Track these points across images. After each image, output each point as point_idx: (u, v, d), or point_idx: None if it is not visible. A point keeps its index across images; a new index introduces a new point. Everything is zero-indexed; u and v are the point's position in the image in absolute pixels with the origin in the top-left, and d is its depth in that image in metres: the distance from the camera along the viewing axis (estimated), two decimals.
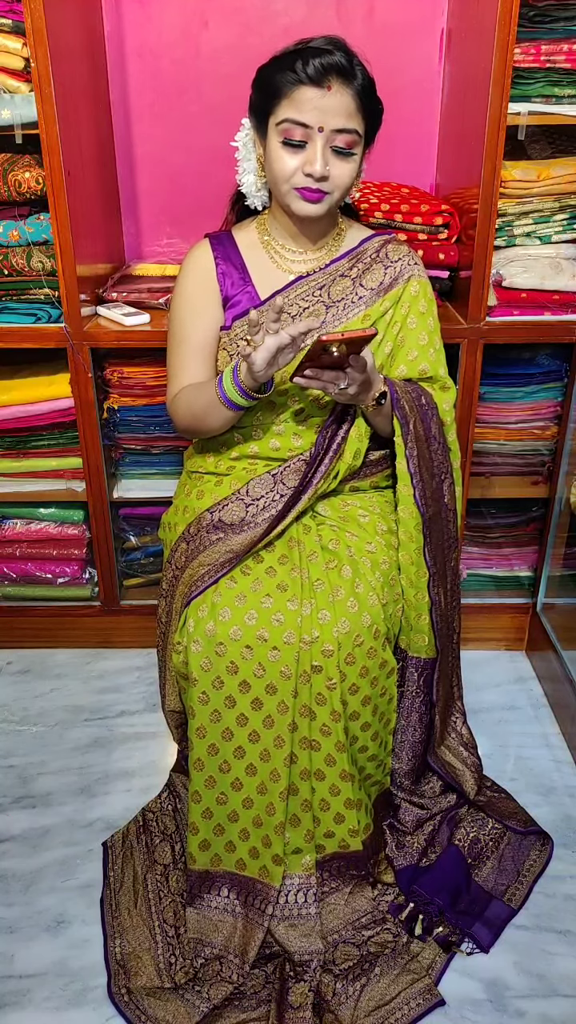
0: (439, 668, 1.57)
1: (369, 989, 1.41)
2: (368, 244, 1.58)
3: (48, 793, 1.82)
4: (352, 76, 1.39)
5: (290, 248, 1.57)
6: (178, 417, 1.59)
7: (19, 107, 1.72)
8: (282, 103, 1.40)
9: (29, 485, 2.11)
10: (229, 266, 1.57)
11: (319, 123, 1.39)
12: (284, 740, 1.41)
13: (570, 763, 1.90)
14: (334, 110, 1.39)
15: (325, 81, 1.37)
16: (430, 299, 1.58)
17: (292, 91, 1.39)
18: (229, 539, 1.50)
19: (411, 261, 1.57)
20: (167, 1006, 1.39)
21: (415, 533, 1.51)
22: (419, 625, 1.53)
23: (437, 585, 1.53)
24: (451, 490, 1.58)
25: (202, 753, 1.43)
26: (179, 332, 1.59)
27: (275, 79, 1.41)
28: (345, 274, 1.55)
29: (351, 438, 1.53)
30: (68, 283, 1.85)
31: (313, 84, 1.37)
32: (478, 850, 1.65)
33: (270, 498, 1.53)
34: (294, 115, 1.39)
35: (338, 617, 1.41)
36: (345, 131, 1.40)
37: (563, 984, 1.44)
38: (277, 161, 1.43)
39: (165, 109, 2.12)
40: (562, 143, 1.89)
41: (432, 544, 1.52)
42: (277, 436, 1.57)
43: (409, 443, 1.50)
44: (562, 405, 2.03)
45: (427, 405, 1.54)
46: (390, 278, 1.55)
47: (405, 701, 1.57)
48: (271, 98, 1.42)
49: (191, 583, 1.46)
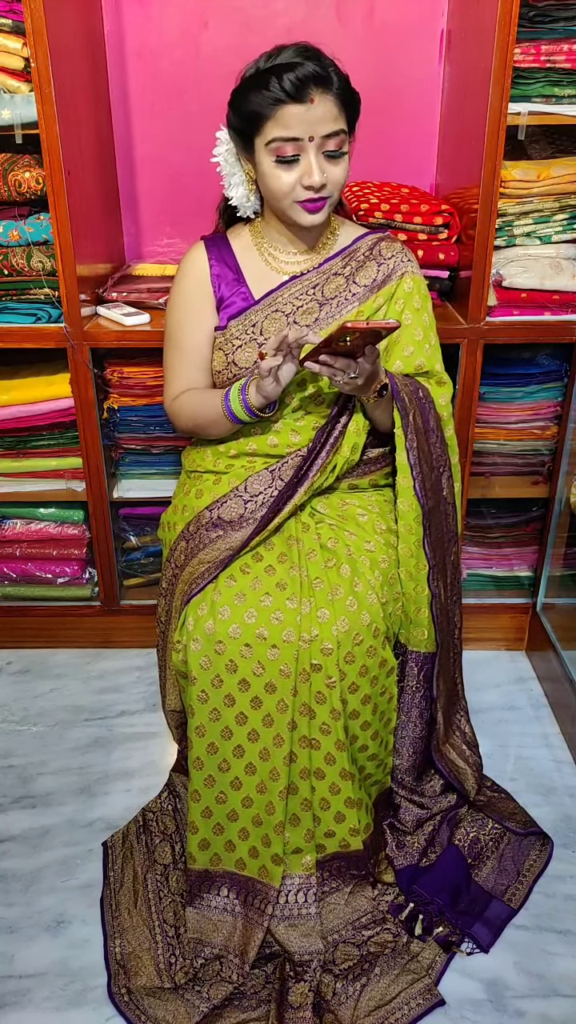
0: (439, 662, 1.57)
1: (369, 989, 1.41)
2: (361, 242, 1.59)
3: (48, 793, 1.82)
4: (330, 82, 1.39)
5: (285, 251, 1.58)
6: (180, 421, 1.61)
7: (19, 107, 1.73)
8: (267, 124, 1.41)
9: (29, 485, 2.11)
10: (223, 267, 1.58)
11: (308, 134, 1.40)
12: (284, 739, 1.41)
13: (570, 763, 1.89)
14: (320, 119, 1.39)
15: (307, 95, 1.38)
16: (424, 295, 1.59)
17: (275, 111, 1.39)
18: (228, 536, 1.50)
19: (405, 258, 1.58)
20: (167, 1006, 1.39)
21: (415, 525, 1.51)
22: (418, 619, 1.53)
23: (436, 578, 1.54)
24: (450, 483, 1.59)
25: (201, 752, 1.43)
26: (174, 336, 1.61)
27: (255, 101, 1.41)
28: (339, 272, 1.56)
29: (349, 432, 1.54)
30: (68, 283, 1.85)
31: (295, 101, 1.38)
32: (478, 850, 1.65)
33: (268, 494, 1.53)
34: (282, 133, 1.40)
35: (337, 616, 1.41)
36: (333, 134, 1.42)
37: (563, 984, 1.44)
38: (274, 180, 1.44)
39: (165, 109, 2.12)
40: (562, 143, 1.89)
41: (431, 537, 1.52)
42: (275, 433, 1.57)
43: (409, 435, 1.51)
44: (562, 405, 2.03)
45: (424, 399, 1.55)
46: (383, 275, 1.56)
47: (405, 696, 1.57)
48: (255, 121, 1.42)
49: (191, 581, 1.46)
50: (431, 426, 1.55)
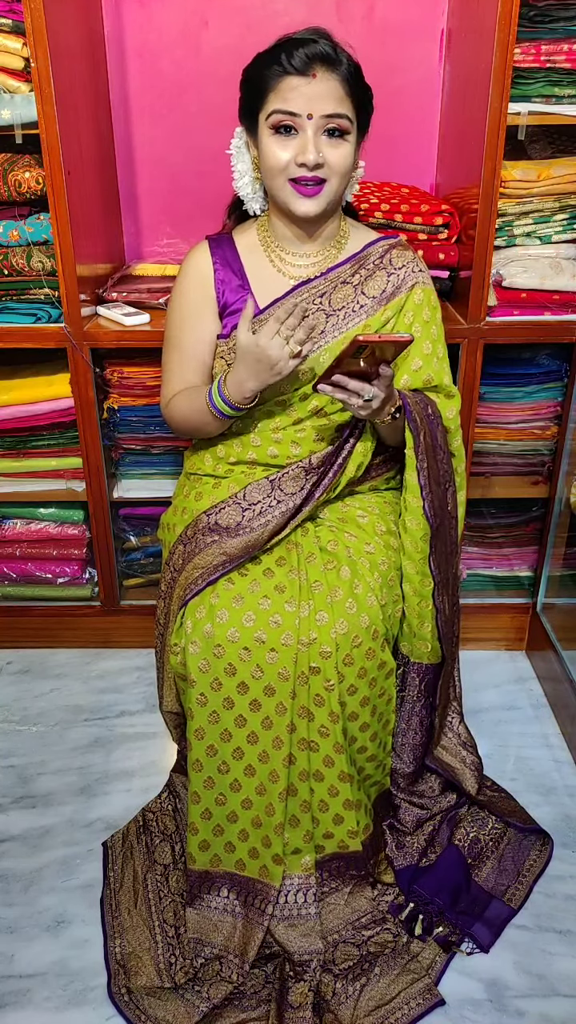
0: (442, 672, 1.57)
1: (369, 989, 1.41)
2: (372, 248, 1.56)
3: (48, 793, 1.82)
4: (337, 63, 1.38)
5: (291, 251, 1.55)
6: (174, 422, 1.60)
7: (19, 107, 1.72)
8: (269, 97, 1.40)
9: (29, 485, 2.11)
10: (228, 272, 1.55)
11: (307, 110, 1.38)
12: (283, 741, 1.41)
13: (570, 763, 1.89)
14: (321, 96, 1.37)
15: (310, 69, 1.37)
16: (434, 307, 1.56)
17: (278, 83, 1.38)
18: (223, 542, 1.49)
19: (415, 268, 1.55)
20: (167, 1006, 1.39)
21: (421, 544, 1.50)
22: (422, 632, 1.53)
23: (442, 593, 1.52)
24: (454, 498, 1.57)
25: (201, 754, 1.43)
26: (174, 337, 1.59)
27: (260, 75, 1.40)
28: (347, 280, 1.53)
29: (356, 452, 1.53)
30: (68, 283, 1.85)
31: (298, 73, 1.37)
32: (478, 850, 1.65)
33: (266, 503, 1.52)
34: (281, 105, 1.38)
35: (336, 618, 1.41)
36: (335, 116, 1.39)
37: (563, 984, 1.44)
38: (269, 155, 1.42)
39: (165, 109, 2.12)
40: (562, 143, 1.89)
41: (437, 554, 1.51)
42: (276, 444, 1.56)
43: (420, 455, 1.48)
44: (562, 405, 2.03)
45: (433, 415, 1.52)
46: (393, 286, 1.53)
47: (406, 705, 1.57)
48: (259, 95, 1.41)
49: (185, 586, 1.45)
50: (439, 442, 1.52)
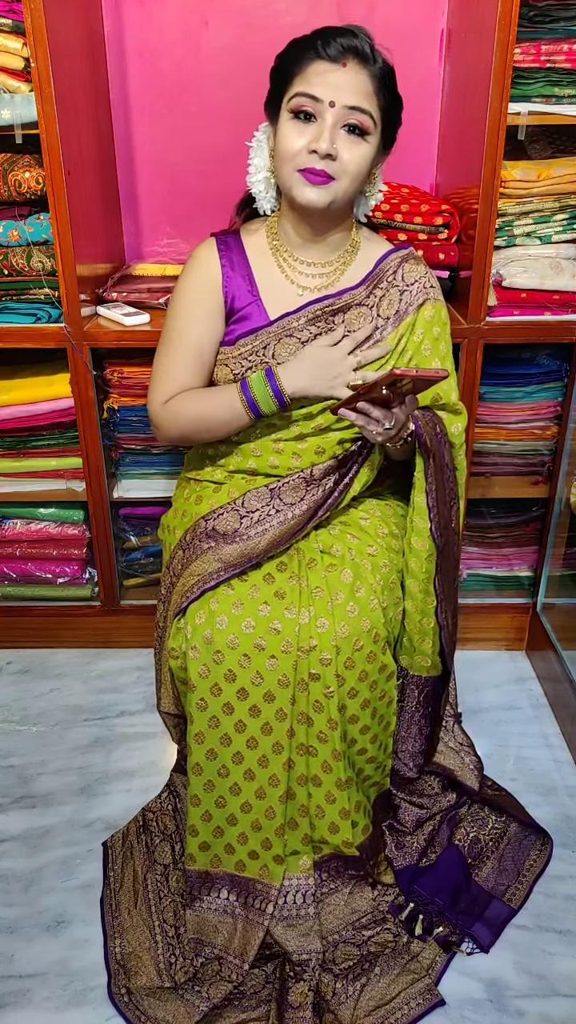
0: (441, 684, 1.57)
1: (369, 989, 1.41)
2: (385, 264, 1.53)
3: (48, 793, 1.82)
4: (371, 59, 1.36)
5: (299, 258, 1.52)
6: (175, 424, 1.52)
7: (19, 107, 1.72)
8: (295, 80, 1.37)
9: (29, 485, 2.10)
10: (236, 275, 1.51)
11: (330, 97, 1.34)
12: (283, 746, 1.41)
13: (570, 763, 1.89)
14: (347, 86, 1.34)
15: (342, 58, 1.34)
16: (444, 322, 1.54)
17: (307, 67, 1.35)
18: (220, 549, 1.48)
19: (427, 283, 1.53)
20: (167, 1006, 1.39)
21: (427, 564, 1.48)
22: (422, 648, 1.53)
23: (445, 611, 1.52)
24: (457, 515, 1.55)
25: (200, 758, 1.43)
26: (175, 332, 1.53)
27: (292, 57, 1.38)
28: (362, 303, 1.51)
29: (362, 472, 1.53)
30: (68, 283, 1.85)
31: (329, 60, 1.34)
32: (478, 850, 1.65)
33: (265, 512, 1.51)
34: (304, 88, 1.35)
35: (337, 622, 1.40)
36: (358, 110, 1.35)
37: (563, 984, 1.44)
38: (284, 140, 1.38)
39: (165, 109, 2.12)
40: (562, 143, 1.89)
41: (442, 572, 1.50)
42: (276, 455, 1.55)
43: (429, 478, 1.46)
44: (562, 405, 2.03)
45: (441, 434, 1.50)
46: (405, 304, 1.51)
47: (405, 715, 1.57)
48: (286, 79, 1.38)
49: (182, 593, 1.45)
50: (446, 461, 1.51)
